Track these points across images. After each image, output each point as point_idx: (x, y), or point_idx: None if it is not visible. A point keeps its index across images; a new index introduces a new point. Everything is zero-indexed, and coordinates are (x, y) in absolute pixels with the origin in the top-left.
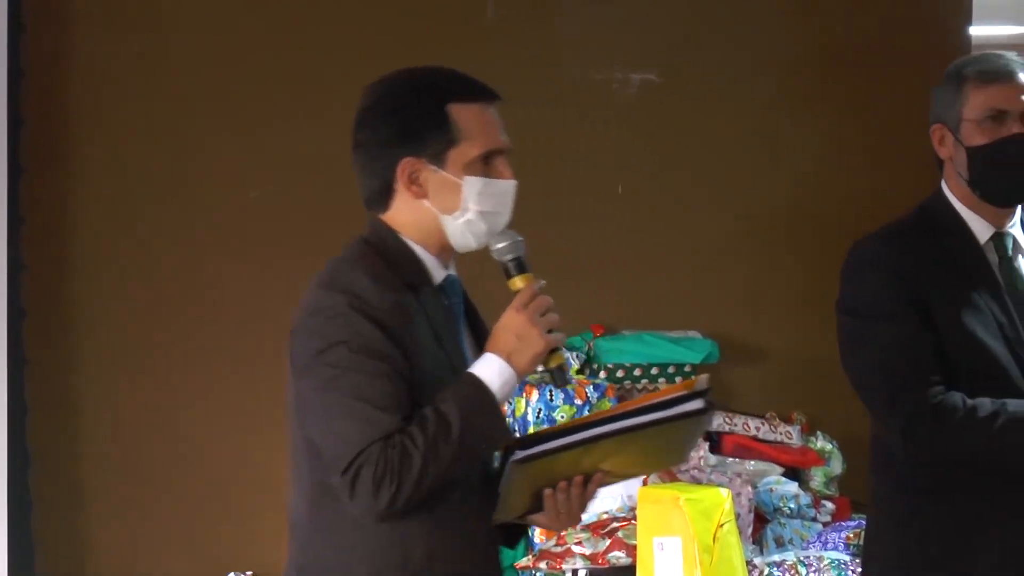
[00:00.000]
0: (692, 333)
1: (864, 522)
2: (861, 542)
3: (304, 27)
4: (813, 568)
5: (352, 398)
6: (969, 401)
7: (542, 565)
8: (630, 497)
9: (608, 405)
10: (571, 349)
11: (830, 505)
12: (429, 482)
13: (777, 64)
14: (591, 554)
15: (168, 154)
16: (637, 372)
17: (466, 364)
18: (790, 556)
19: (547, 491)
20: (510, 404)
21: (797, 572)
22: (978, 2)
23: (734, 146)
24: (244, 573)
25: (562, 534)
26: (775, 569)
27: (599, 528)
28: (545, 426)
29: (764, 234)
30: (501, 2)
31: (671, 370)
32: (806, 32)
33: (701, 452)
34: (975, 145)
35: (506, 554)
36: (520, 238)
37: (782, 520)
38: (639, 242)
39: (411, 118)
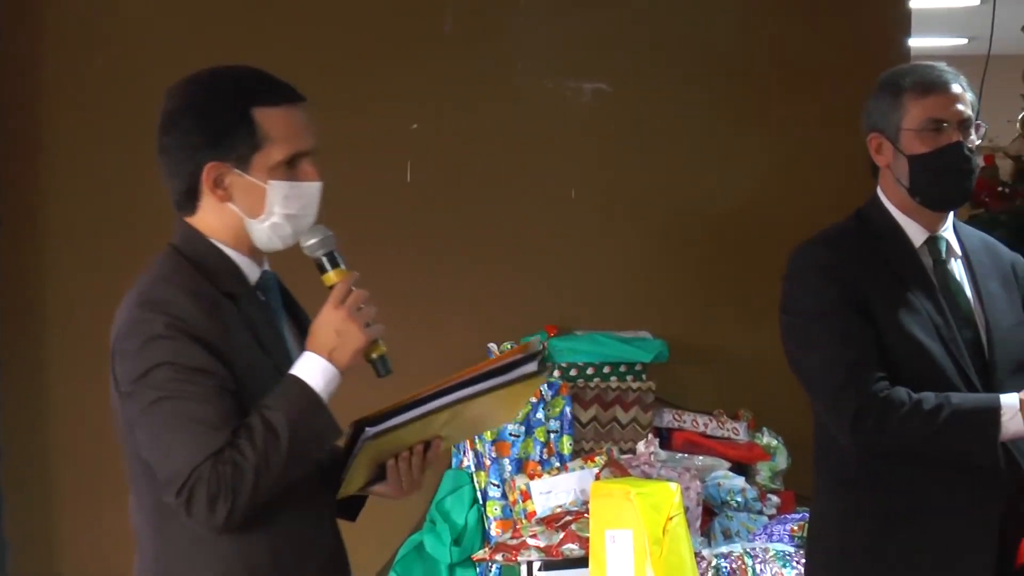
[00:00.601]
0: (642, 333)
1: (808, 515)
2: (805, 534)
3: (269, 42)
4: (759, 559)
5: (179, 418)
6: (914, 395)
7: (498, 557)
8: (583, 491)
9: (562, 403)
10: None
11: (775, 498)
12: (265, 491)
13: (724, 74)
14: (545, 546)
15: (140, 158)
16: (590, 371)
17: (291, 362)
18: (737, 548)
19: (390, 462)
20: None
21: (743, 563)
22: (916, 15)
23: (683, 153)
24: None
25: (517, 527)
26: (722, 560)
27: (553, 521)
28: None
29: (711, 238)
30: (458, 17)
31: (622, 368)
32: (753, 45)
33: (652, 448)
34: (916, 153)
35: (464, 547)
36: (330, 233)
37: (729, 513)
38: (592, 245)
39: (216, 122)
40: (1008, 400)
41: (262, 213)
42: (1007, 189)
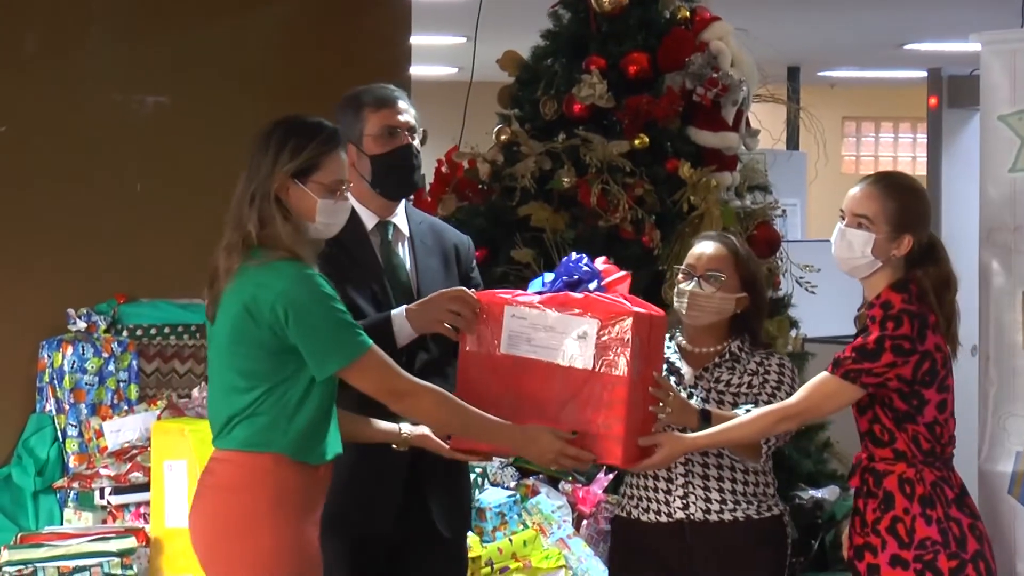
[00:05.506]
0: (196, 300)
1: None
2: None
3: None
4: None
5: None
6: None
7: (75, 485)
8: (147, 430)
9: (130, 357)
10: (99, 313)
11: None
12: None
13: (263, 91)
14: (115, 475)
15: None
16: (153, 331)
17: None
18: None
19: None
20: (49, 357)
21: None
22: (416, 50)
23: (228, 152)
24: None
25: (92, 460)
26: None
27: (122, 455)
28: (79, 375)
29: None
30: (38, 37)
31: (180, 329)
32: (287, 66)
33: (204, 393)
34: (376, 153)
35: (46, 478)
36: None
37: None
38: (154, 228)
39: None
40: (396, 312)
41: None
42: (485, 187)
